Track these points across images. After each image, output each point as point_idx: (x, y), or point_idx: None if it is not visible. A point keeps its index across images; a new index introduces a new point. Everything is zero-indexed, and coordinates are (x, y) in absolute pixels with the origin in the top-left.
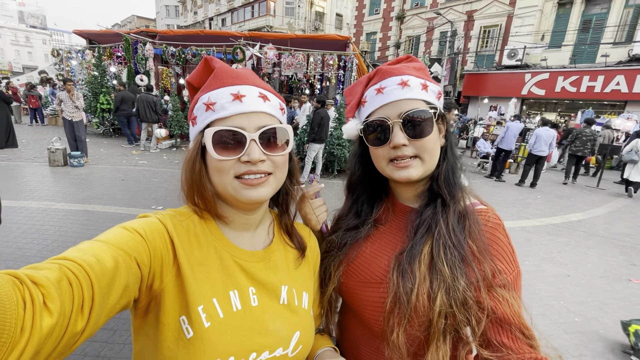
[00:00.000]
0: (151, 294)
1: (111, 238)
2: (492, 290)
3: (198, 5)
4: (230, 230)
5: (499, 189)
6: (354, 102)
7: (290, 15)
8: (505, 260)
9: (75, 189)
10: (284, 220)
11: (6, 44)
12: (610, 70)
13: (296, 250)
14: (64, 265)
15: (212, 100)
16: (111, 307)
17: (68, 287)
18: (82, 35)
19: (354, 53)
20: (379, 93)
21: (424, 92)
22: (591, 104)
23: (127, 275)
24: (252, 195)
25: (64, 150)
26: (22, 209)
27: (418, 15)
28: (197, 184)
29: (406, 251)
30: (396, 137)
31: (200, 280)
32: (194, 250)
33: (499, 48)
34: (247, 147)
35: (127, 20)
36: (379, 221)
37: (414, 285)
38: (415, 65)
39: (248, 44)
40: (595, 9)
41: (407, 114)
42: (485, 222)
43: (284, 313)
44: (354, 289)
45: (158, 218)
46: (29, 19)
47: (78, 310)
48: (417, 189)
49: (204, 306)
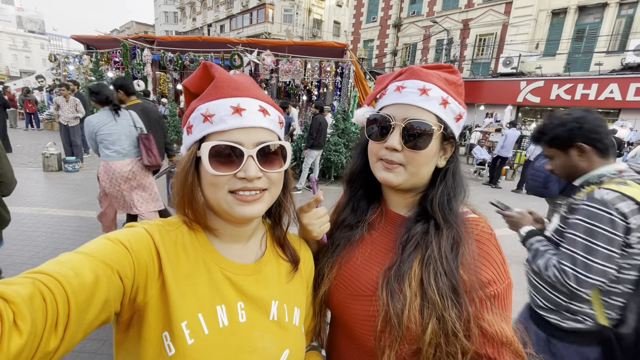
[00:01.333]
0: (134, 307)
1: (93, 250)
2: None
3: (197, 12)
4: (220, 242)
5: (495, 195)
6: (376, 91)
7: (288, 22)
8: (496, 271)
9: (69, 194)
10: (276, 232)
11: (4, 49)
12: (604, 78)
13: (289, 263)
14: (38, 280)
15: (210, 111)
16: (89, 323)
17: (41, 303)
18: (79, 41)
19: (351, 60)
20: (397, 90)
21: (440, 108)
22: None
23: (107, 289)
24: (246, 212)
25: (58, 155)
26: (13, 215)
27: (415, 23)
28: (188, 195)
29: (394, 268)
30: (392, 139)
31: (186, 294)
32: (181, 262)
33: (494, 56)
34: (244, 164)
35: (126, 26)
36: (372, 225)
37: (404, 305)
38: (449, 77)
39: (246, 50)
40: (589, 19)
41: (410, 121)
42: (476, 232)
43: (274, 330)
44: (343, 301)
45: (145, 228)
46: (28, 23)
47: (52, 328)
48: (405, 198)
49: (188, 322)
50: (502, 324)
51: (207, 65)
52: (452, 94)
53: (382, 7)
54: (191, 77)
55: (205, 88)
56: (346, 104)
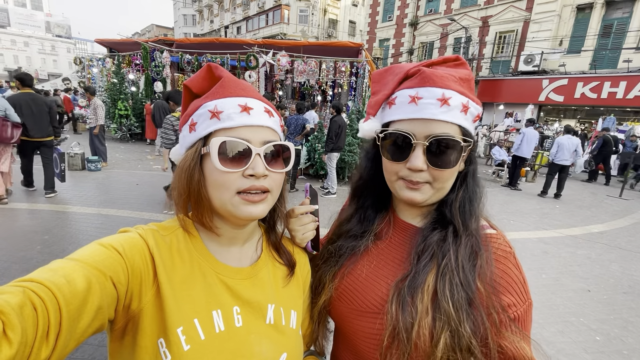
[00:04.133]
0: (129, 314)
1: (85, 256)
2: (500, 338)
3: (214, 14)
4: (216, 245)
5: (514, 198)
6: (380, 98)
7: (304, 22)
8: (516, 293)
9: (91, 192)
10: (272, 236)
11: (33, 53)
12: (634, 75)
13: (285, 267)
14: (28, 288)
15: (219, 108)
16: (82, 332)
17: (32, 312)
18: (103, 44)
19: (366, 60)
20: (412, 102)
21: (462, 116)
22: (613, 111)
23: (100, 296)
24: (252, 212)
25: (82, 155)
26: (39, 212)
27: (431, 21)
28: (195, 193)
29: (408, 280)
30: (416, 160)
31: (181, 300)
32: (176, 268)
33: (514, 54)
34: (251, 161)
35: (146, 29)
36: (378, 236)
37: (414, 320)
38: (462, 74)
39: (261, 51)
40: (617, 14)
41: (434, 139)
42: (495, 250)
43: (270, 333)
44: (347, 316)
45: (139, 233)
46: (55, 28)
47: (42, 337)
48: (421, 208)
49: (184, 327)
50: (522, 343)
51: (212, 67)
52: (469, 95)
53: (398, 6)
54: (194, 77)
55: (208, 89)
56: (361, 104)
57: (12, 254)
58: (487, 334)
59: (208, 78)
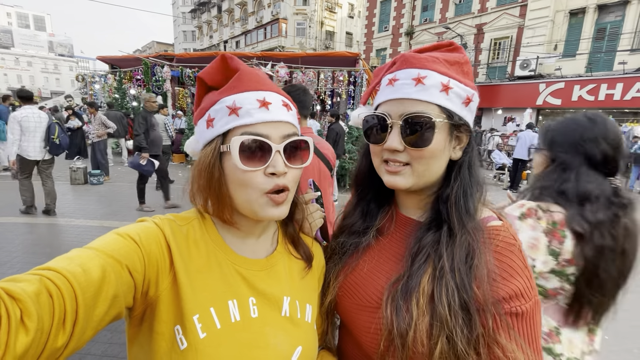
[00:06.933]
0: (146, 301)
1: (102, 245)
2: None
3: (214, 30)
4: (232, 237)
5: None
6: (369, 88)
7: (302, 35)
8: (520, 285)
9: (94, 206)
10: (289, 229)
11: (37, 72)
12: (630, 77)
13: (302, 261)
14: (45, 276)
15: (237, 104)
16: (99, 319)
17: (48, 300)
18: (105, 61)
19: (363, 69)
20: (390, 84)
21: (441, 95)
22: (611, 112)
23: (116, 284)
24: (275, 214)
25: (84, 169)
26: (44, 226)
27: (427, 30)
28: (216, 191)
29: (401, 283)
30: (391, 140)
31: (198, 288)
32: (193, 257)
33: (510, 59)
34: (272, 159)
35: (147, 46)
36: (381, 231)
37: (409, 326)
38: (450, 57)
39: (260, 63)
40: (609, 17)
41: (408, 116)
42: (496, 242)
43: (286, 326)
44: (350, 310)
45: (155, 222)
46: (58, 48)
47: (59, 325)
48: (420, 199)
49: (200, 315)
50: (517, 354)
51: (227, 57)
52: (455, 76)
53: (393, 16)
54: (208, 69)
55: (222, 81)
56: None
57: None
58: (478, 339)
59: (223, 70)
